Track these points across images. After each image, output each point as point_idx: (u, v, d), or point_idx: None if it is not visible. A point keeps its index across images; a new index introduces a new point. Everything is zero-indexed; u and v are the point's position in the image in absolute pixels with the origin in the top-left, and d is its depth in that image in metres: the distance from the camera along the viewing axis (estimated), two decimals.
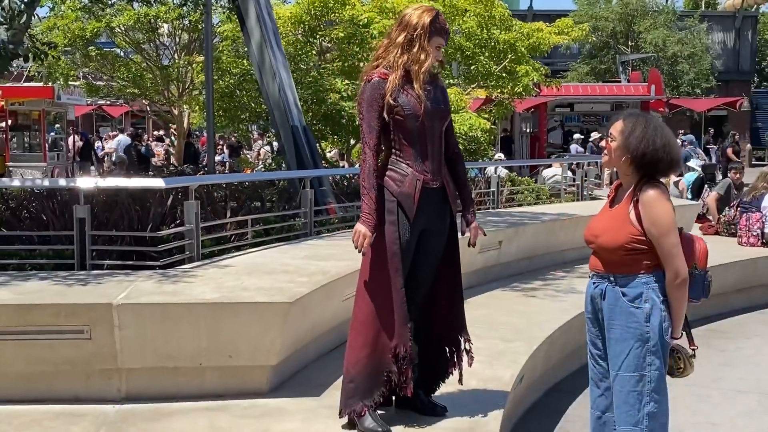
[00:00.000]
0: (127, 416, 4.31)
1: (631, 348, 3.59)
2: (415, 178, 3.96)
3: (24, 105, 21.52)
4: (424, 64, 3.94)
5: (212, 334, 4.50)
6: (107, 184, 6.25)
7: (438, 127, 4.06)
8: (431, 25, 3.95)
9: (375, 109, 3.92)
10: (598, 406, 3.84)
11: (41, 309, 4.42)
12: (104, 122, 37.35)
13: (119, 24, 16.86)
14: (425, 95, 3.96)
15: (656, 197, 3.55)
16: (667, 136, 3.67)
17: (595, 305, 3.73)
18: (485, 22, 13.38)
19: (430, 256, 4.11)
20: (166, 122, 23.64)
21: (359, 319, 4.01)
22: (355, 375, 3.98)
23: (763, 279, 9.58)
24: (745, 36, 41.74)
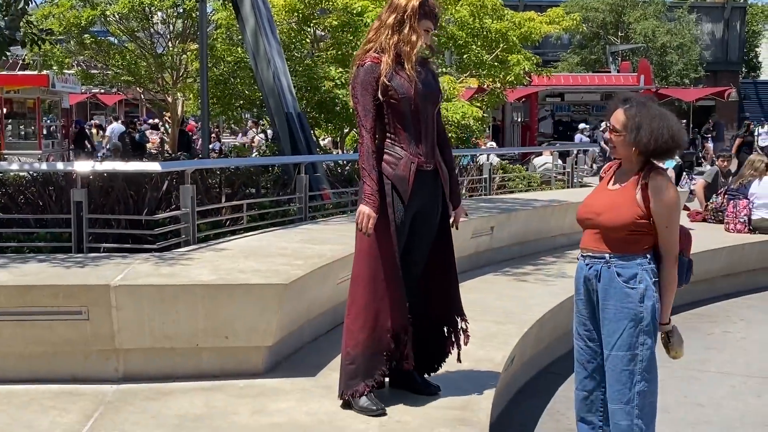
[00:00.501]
0: (125, 396, 4.32)
1: (625, 328, 3.63)
2: (409, 161, 3.98)
3: (19, 93, 21.45)
4: (416, 44, 3.95)
5: (209, 315, 4.52)
6: (104, 167, 6.25)
7: (431, 111, 4.07)
8: (420, 7, 3.97)
9: (369, 92, 3.93)
10: (585, 387, 3.86)
11: (40, 290, 4.43)
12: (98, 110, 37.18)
13: (114, 12, 16.75)
14: (416, 76, 3.97)
15: (668, 186, 3.63)
16: (671, 124, 3.66)
17: (589, 286, 3.75)
18: (477, 11, 13.35)
19: (423, 238, 4.13)
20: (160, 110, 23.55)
21: (357, 301, 4.02)
22: (356, 356, 3.99)
23: (749, 264, 9.66)
24: (734, 27, 41.81)
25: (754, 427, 5.34)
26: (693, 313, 8.55)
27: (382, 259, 3.94)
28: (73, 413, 4.08)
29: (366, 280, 3.97)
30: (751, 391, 6.01)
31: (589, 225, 3.75)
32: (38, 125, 21.47)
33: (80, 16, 16.31)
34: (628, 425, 3.67)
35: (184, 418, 4.01)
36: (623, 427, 3.68)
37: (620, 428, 3.69)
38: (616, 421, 3.70)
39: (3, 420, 4.00)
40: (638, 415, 3.68)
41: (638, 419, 3.68)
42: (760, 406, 5.72)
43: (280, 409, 4.12)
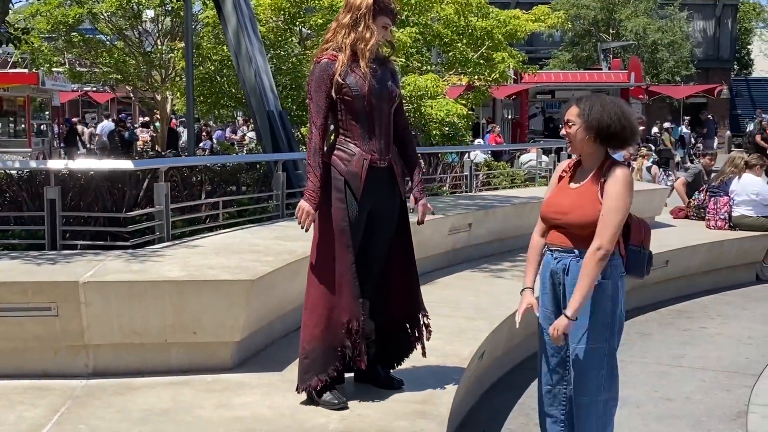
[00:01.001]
0: (94, 390, 4.37)
1: (591, 321, 3.68)
2: (362, 157, 4.02)
3: (8, 91, 21.48)
4: (370, 41, 3.99)
5: (177, 311, 4.57)
6: (77, 166, 6.29)
7: (386, 108, 4.11)
8: (375, 4, 4.01)
9: (323, 90, 3.97)
10: (549, 380, 3.92)
11: (8, 287, 4.47)
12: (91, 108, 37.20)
13: (102, 10, 16.78)
14: (371, 74, 4.01)
15: (624, 177, 3.64)
16: (621, 106, 3.74)
17: (555, 280, 3.78)
18: (463, 9, 13.37)
19: (380, 235, 4.18)
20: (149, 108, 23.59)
21: (312, 296, 4.07)
22: (310, 351, 4.04)
23: (728, 261, 9.74)
24: (725, 24, 41.98)
25: (720, 420, 5.41)
26: (672, 309, 8.63)
27: (336, 256, 3.98)
28: (40, 408, 4.13)
29: (320, 277, 4.02)
30: (721, 386, 6.08)
31: (556, 224, 3.78)
32: (28, 123, 21.52)
33: (68, 14, 16.33)
34: (593, 418, 3.74)
35: (150, 412, 4.07)
36: (589, 420, 3.74)
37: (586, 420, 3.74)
38: (581, 413, 3.76)
39: None
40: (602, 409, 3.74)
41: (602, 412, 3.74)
42: (728, 400, 5.79)
43: (244, 403, 4.17)
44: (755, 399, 5.78)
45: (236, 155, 13.27)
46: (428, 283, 7.17)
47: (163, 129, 19.96)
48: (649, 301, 8.65)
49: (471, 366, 4.98)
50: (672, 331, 7.72)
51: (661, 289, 8.91)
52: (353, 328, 3.99)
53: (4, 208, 6.35)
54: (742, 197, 10.16)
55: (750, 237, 9.96)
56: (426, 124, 12.47)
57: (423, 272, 7.41)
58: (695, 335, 7.58)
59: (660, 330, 7.74)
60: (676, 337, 7.52)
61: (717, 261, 9.61)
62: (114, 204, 6.25)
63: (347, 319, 3.99)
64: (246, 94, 9.42)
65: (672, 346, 7.17)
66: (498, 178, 11.91)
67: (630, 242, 3.78)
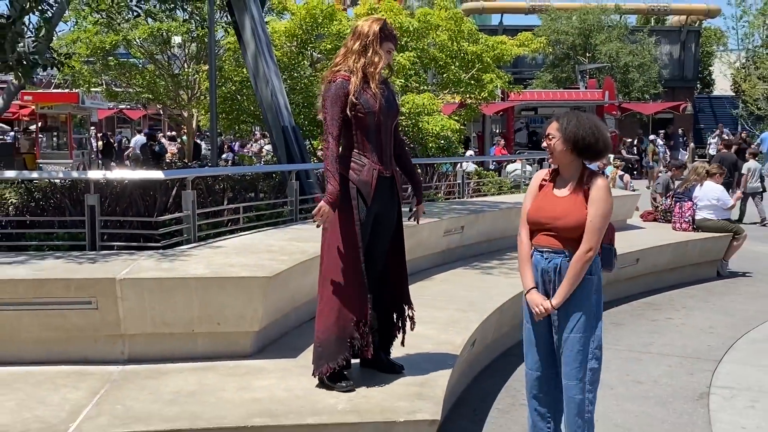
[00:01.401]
0: (129, 375, 4.39)
1: (582, 314, 3.68)
2: (372, 167, 4.06)
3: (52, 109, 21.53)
4: (379, 65, 4.05)
5: (203, 304, 4.59)
6: (114, 175, 6.30)
7: (390, 124, 4.16)
8: (381, 31, 4.06)
9: (339, 105, 3.98)
10: (537, 368, 3.87)
11: (53, 283, 4.49)
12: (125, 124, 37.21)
13: (135, 37, 16.82)
14: (380, 94, 4.05)
15: (606, 185, 3.68)
16: (595, 121, 3.76)
17: (545, 278, 3.75)
18: (455, 35, 13.42)
19: (383, 235, 4.22)
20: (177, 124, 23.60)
21: (326, 291, 4.08)
22: (324, 340, 4.06)
23: (692, 259, 9.74)
24: (689, 48, 41.97)
25: (684, 400, 5.41)
26: (642, 302, 8.63)
27: (348, 255, 4.01)
28: (81, 390, 4.14)
29: (333, 274, 4.03)
30: (685, 370, 6.08)
31: (547, 227, 3.76)
32: (69, 137, 21.55)
33: (105, 40, 16.37)
34: (581, 399, 3.73)
35: (179, 394, 4.08)
36: (577, 401, 3.73)
37: (575, 401, 3.73)
38: (571, 395, 3.73)
39: (20, 396, 4.06)
40: (589, 390, 3.74)
41: (589, 393, 3.74)
42: (692, 382, 5.79)
43: (262, 386, 4.18)
44: (716, 382, 5.79)
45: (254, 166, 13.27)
46: (425, 278, 7.21)
47: (190, 142, 19.98)
48: (621, 294, 8.66)
49: (463, 353, 4.99)
50: (642, 322, 7.72)
51: (632, 284, 8.91)
52: (362, 321, 4.01)
53: (49, 213, 6.36)
54: (705, 202, 10.17)
55: (711, 238, 9.96)
56: (423, 138, 12.49)
57: (420, 269, 7.49)
58: (662, 325, 7.58)
59: (631, 320, 7.74)
60: (645, 326, 7.52)
61: (682, 259, 9.61)
62: (146, 209, 6.27)
63: (356, 313, 4.01)
64: (263, 111, 9.44)
65: (642, 335, 7.17)
66: (487, 186, 11.91)
67: (603, 241, 3.80)
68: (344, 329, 4.02)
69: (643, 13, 44.41)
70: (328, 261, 4.07)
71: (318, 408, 3.84)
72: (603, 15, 37.03)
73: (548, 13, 38.11)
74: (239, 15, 9.31)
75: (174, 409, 3.87)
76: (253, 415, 3.76)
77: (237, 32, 9.60)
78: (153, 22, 15.33)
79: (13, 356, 4.54)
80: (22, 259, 5.02)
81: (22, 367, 4.47)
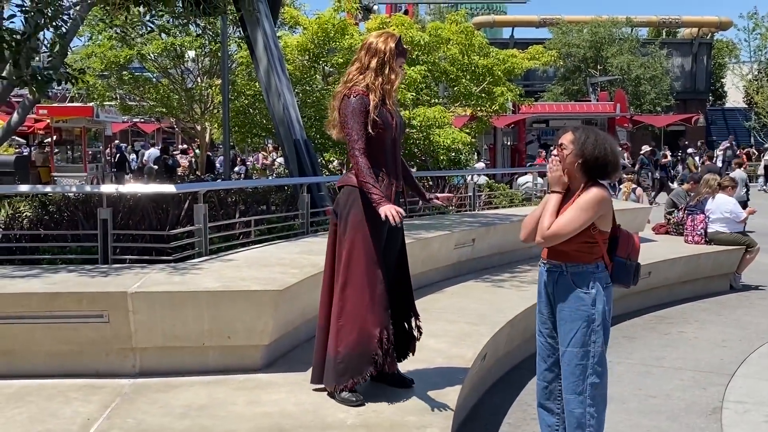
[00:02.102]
0: (140, 388, 4.39)
1: (578, 327, 3.68)
2: (390, 183, 4.07)
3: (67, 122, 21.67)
4: (395, 82, 4.05)
5: (213, 317, 4.58)
6: (127, 189, 6.33)
7: (400, 139, 4.19)
8: (396, 47, 4.06)
9: (361, 119, 3.94)
10: (545, 378, 3.92)
11: (66, 296, 4.50)
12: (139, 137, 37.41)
13: (149, 51, 16.94)
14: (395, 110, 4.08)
15: (596, 194, 3.64)
16: (612, 143, 3.76)
17: (548, 290, 3.80)
18: (466, 49, 13.45)
19: (393, 246, 4.22)
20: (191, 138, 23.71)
21: (347, 305, 4.01)
22: (345, 356, 3.99)
23: (704, 272, 9.66)
24: (701, 60, 41.91)
25: (697, 415, 5.36)
26: (654, 316, 8.57)
27: (370, 270, 3.96)
28: (93, 403, 4.14)
29: (356, 287, 3.98)
30: (698, 384, 6.02)
31: None
32: (84, 151, 21.66)
33: (119, 55, 16.49)
34: (581, 413, 3.72)
35: (189, 407, 4.07)
36: (577, 414, 3.73)
37: (574, 415, 3.73)
38: (571, 409, 3.75)
39: (32, 409, 4.06)
40: (590, 404, 3.72)
41: (590, 407, 3.72)
42: (705, 397, 5.74)
43: (272, 400, 4.17)
44: (729, 396, 5.73)
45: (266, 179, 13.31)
46: (436, 291, 7.18)
47: (203, 156, 20.06)
48: (634, 307, 8.60)
49: (474, 366, 4.97)
50: (654, 335, 7.66)
51: (644, 297, 8.85)
52: (384, 338, 3.96)
53: (63, 226, 6.40)
54: (717, 215, 10.10)
55: (724, 251, 9.88)
56: (435, 150, 12.49)
57: (431, 282, 7.47)
58: (675, 339, 7.52)
59: (643, 334, 7.69)
60: (657, 340, 7.46)
61: (694, 272, 9.54)
62: (159, 223, 6.29)
63: (379, 329, 3.96)
64: (275, 124, 9.47)
65: (654, 349, 7.11)
66: (498, 198, 11.89)
67: (616, 254, 3.78)
68: (368, 345, 3.96)
69: (655, 26, 44.40)
70: (346, 276, 4.00)
71: (327, 422, 3.83)
72: (614, 28, 37.02)
73: (559, 26, 38.15)
74: (252, 30, 9.36)
75: (185, 422, 3.86)
76: (262, 430, 3.75)
77: (250, 47, 9.65)
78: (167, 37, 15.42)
79: (26, 369, 4.55)
80: (35, 272, 5.04)
81: (35, 380, 4.47)
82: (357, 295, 3.99)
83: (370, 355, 3.98)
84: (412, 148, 12.39)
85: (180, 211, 6.56)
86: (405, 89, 11.66)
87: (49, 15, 5.72)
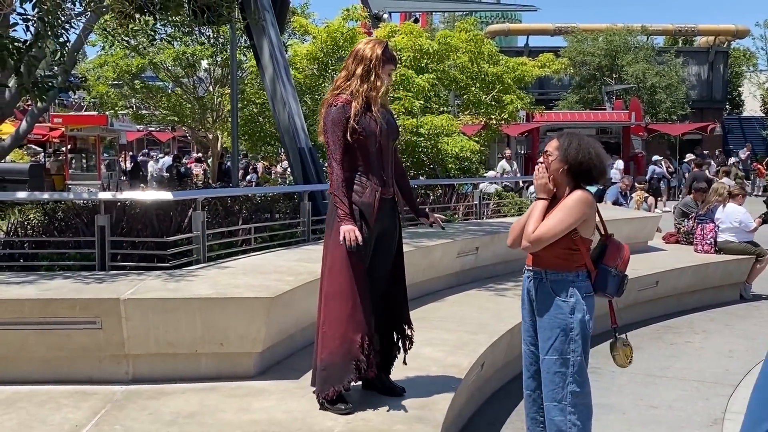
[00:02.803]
0: (131, 395, 4.38)
1: (557, 336, 3.64)
2: (373, 189, 4.02)
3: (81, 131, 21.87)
4: (380, 89, 4.02)
5: (206, 324, 4.57)
6: (124, 196, 6.34)
7: (390, 146, 4.13)
8: (383, 54, 4.03)
9: (340, 129, 3.94)
10: (528, 386, 3.89)
11: (59, 303, 4.50)
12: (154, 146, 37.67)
13: (161, 60, 17.04)
14: (381, 118, 4.03)
15: (580, 197, 3.63)
16: (597, 147, 3.73)
17: (530, 297, 3.78)
18: (476, 57, 13.41)
19: (386, 256, 4.17)
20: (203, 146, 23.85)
21: (330, 314, 4.01)
22: (329, 363, 3.98)
23: (713, 282, 9.56)
24: (718, 69, 41.60)
25: (699, 426, 5.28)
26: (661, 325, 8.49)
27: (352, 277, 3.95)
28: (83, 410, 4.14)
29: (339, 295, 3.97)
30: (701, 395, 5.94)
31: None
32: (98, 159, 21.86)
33: (131, 64, 16.60)
34: (562, 420, 3.68)
35: (178, 414, 4.06)
36: (557, 422, 3.69)
37: (555, 423, 3.69)
38: (551, 417, 3.71)
39: (22, 415, 4.07)
40: (571, 411, 3.67)
41: (571, 415, 3.67)
42: (707, 408, 5.66)
43: (262, 407, 4.15)
44: (731, 407, 5.65)
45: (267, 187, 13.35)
46: (437, 300, 7.14)
47: (214, 164, 20.14)
48: (640, 317, 8.53)
49: (470, 376, 4.92)
50: (660, 345, 7.58)
51: (651, 307, 8.77)
52: (366, 344, 3.95)
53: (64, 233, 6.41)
54: (726, 224, 9.99)
55: (734, 260, 9.78)
56: (443, 159, 12.44)
57: (433, 290, 7.43)
58: (681, 349, 7.43)
59: (649, 344, 7.60)
60: (663, 350, 7.38)
61: (703, 282, 9.44)
62: (161, 230, 6.29)
63: (361, 336, 3.94)
64: (280, 133, 9.49)
65: (659, 359, 7.03)
66: (507, 207, 11.82)
67: (603, 261, 3.73)
68: (349, 351, 3.95)
69: (671, 35, 44.15)
70: (330, 282, 4.01)
71: (315, 430, 3.80)
72: (629, 36, 36.84)
73: (574, 34, 38.03)
74: (258, 39, 9.40)
75: (172, 429, 3.85)
76: None
77: (256, 56, 9.68)
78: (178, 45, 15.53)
79: (19, 376, 4.56)
80: (31, 278, 5.05)
81: (27, 386, 4.48)
82: (340, 303, 3.98)
83: (352, 361, 3.95)
84: (420, 156, 12.35)
85: (183, 219, 6.57)
86: (413, 97, 11.64)
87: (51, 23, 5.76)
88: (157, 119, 19.33)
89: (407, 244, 6.96)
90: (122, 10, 7.26)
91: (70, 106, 26.96)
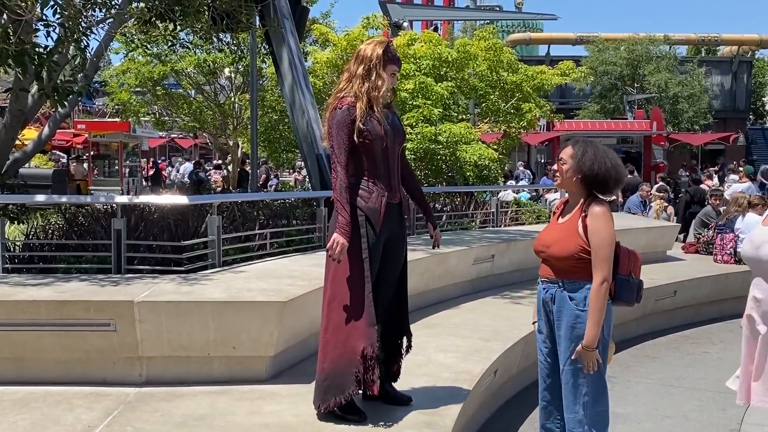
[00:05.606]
0: (144, 397, 4.40)
1: (575, 345, 3.60)
2: (380, 194, 3.96)
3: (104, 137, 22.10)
4: (382, 89, 3.93)
5: (219, 328, 4.59)
6: (139, 200, 6.39)
7: (396, 149, 4.06)
8: (384, 54, 3.95)
9: (345, 131, 3.88)
10: (544, 397, 3.85)
11: (74, 305, 4.54)
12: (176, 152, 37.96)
13: (183, 68, 17.19)
14: (385, 119, 3.97)
15: (603, 212, 3.57)
16: (613, 158, 3.68)
17: (547, 308, 3.74)
18: (495, 65, 13.42)
19: (394, 261, 4.10)
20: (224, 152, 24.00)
21: (331, 322, 3.94)
22: (330, 373, 3.91)
23: (733, 292, 9.42)
24: (741, 78, 41.28)
25: None
26: (679, 335, 8.42)
27: (356, 285, 3.88)
28: (96, 411, 4.17)
29: (340, 304, 3.90)
30: (717, 406, 5.87)
31: (543, 256, 3.74)
32: (121, 165, 22.07)
33: (153, 71, 16.76)
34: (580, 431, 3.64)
35: (189, 417, 4.07)
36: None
37: None
38: (570, 428, 3.67)
39: (35, 416, 4.10)
40: (589, 423, 3.64)
41: (590, 427, 3.64)
42: (723, 418, 5.59)
43: (273, 411, 4.15)
44: (748, 418, 5.56)
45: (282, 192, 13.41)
46: (452, 307, 7.12)
47: (234, 170, 20.26)
48: (658, 327, 8.46)
49: (482, 383, 4.89)
50: (677, 355, 7.51)
51: (669, 317, 8.69)
52: (368, 354, 3.84)
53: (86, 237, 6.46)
54: (746, 234, 9.86)
55: None
56: (461, 167, 12.43)
57: (449, 297, 7.41)
58: (698, 359, 7.36)
59: (666, 353, 7.53)
60: (680, 360, 7.31)
61: (722, 292, 9.33)
62: (179, 234, 6.32)
63: (363, 345, 3.84)
64: (299, 140, 9.53)
65: (676, 369, 6.96)
66: (525, 215, 11.77)
67: (618, 272, 3.69)
68: (352, 362, 3.86)
69: (694, 44, 43.87)
70: (333, 290, 3.95)
71: None
72: (651, 45, 36.64)
73: (596, 43, 37.89)
74: (277, 47, 9.46)
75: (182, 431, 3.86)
76: None
77: (275, 63, 9.74)
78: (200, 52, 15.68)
79: (35, 376, 4.60)
80: (48, 281, 5.10)
81: (43, 387, 4.51)
82: (340, 312, 3.90)
83: (354, 371, 3.86)
84: (439, 163, 12.34)
85: (200, 223, 6.60)
86: (432, 105, 11.64)
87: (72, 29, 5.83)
88: (179, 126, 19.48)
89: (423, 250, 6.95)
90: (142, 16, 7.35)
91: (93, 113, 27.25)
